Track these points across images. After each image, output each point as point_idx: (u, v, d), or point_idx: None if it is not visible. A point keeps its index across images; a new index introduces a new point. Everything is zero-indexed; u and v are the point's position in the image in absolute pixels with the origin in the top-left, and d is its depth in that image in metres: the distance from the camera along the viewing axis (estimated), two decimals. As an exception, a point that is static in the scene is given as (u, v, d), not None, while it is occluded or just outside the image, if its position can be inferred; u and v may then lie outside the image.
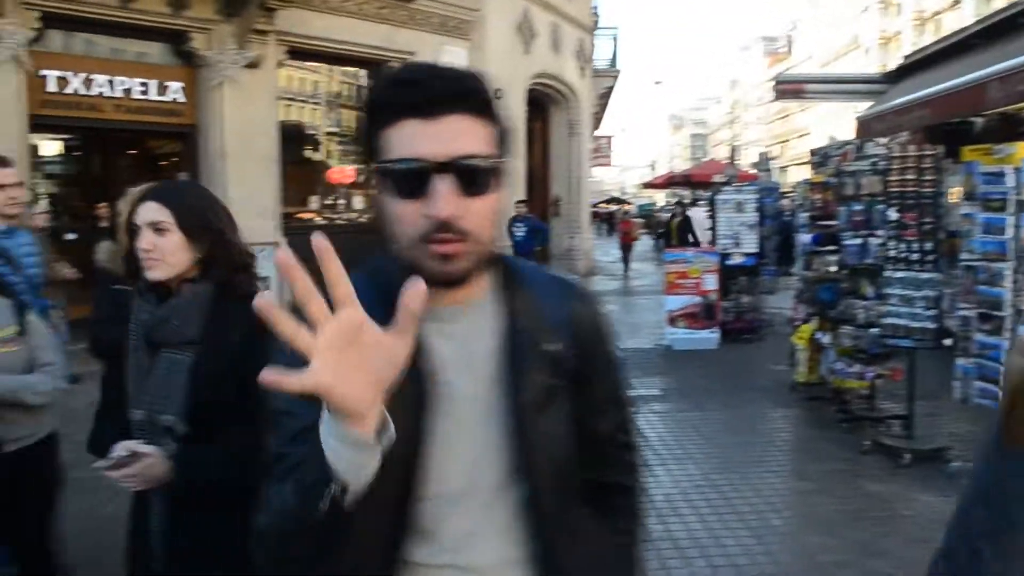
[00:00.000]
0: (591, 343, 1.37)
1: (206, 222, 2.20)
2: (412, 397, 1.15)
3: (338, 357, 0.91)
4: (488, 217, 1.18)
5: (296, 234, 12.02)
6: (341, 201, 14.18)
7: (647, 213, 44.51)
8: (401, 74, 1.20)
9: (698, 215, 25.99)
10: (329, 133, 14.41)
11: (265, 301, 0.87)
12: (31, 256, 4.49)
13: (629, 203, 55.64)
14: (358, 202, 14.11)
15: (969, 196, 5.51)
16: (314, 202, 13.76)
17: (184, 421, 2.09)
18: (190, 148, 11.51)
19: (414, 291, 0.93)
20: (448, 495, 1.23)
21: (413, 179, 1.13)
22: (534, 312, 1.31)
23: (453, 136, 1.13)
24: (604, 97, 24.84)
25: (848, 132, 18.03)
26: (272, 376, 0.86)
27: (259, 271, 2.32)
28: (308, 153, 14.16)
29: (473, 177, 1.14)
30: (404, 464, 1.16)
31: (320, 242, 0.89)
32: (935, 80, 11.18)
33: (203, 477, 2.04)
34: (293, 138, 13.12)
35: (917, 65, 13.68)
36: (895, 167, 6.28)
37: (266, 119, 11.66)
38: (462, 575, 1.25)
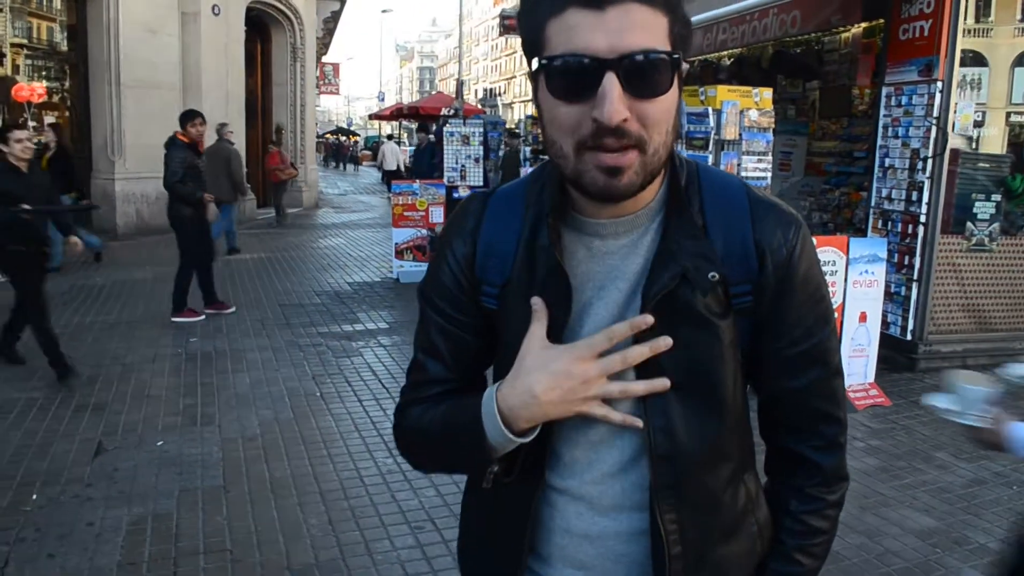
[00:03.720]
0: (781, 281, 1.16)
1: None
2: (549, 318, 1.14)
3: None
4: (663, 123, 1.03)
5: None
6: (31, 122, 12.73)
7: (374, 145, 44.33)
8: None
9: (392, 148, 27.45)
10: (16, 45, 12.85)
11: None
12: None
13: (356, 135, 54.78)
14: (50, 122, 12.71)
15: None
16: (-5, 123, 12.22)
17: None
18: None
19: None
20: (574, 422, 1.16)
21: (577, 77, 0.98)
22: (691, 231, 1.14)
23: (624, 28, 0.97)
24: (330, 22, 24.00)
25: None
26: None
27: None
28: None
29: (646, 76, 0.99)
30: None
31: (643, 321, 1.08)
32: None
33: None
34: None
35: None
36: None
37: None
38: (582, 506, 1.20)
